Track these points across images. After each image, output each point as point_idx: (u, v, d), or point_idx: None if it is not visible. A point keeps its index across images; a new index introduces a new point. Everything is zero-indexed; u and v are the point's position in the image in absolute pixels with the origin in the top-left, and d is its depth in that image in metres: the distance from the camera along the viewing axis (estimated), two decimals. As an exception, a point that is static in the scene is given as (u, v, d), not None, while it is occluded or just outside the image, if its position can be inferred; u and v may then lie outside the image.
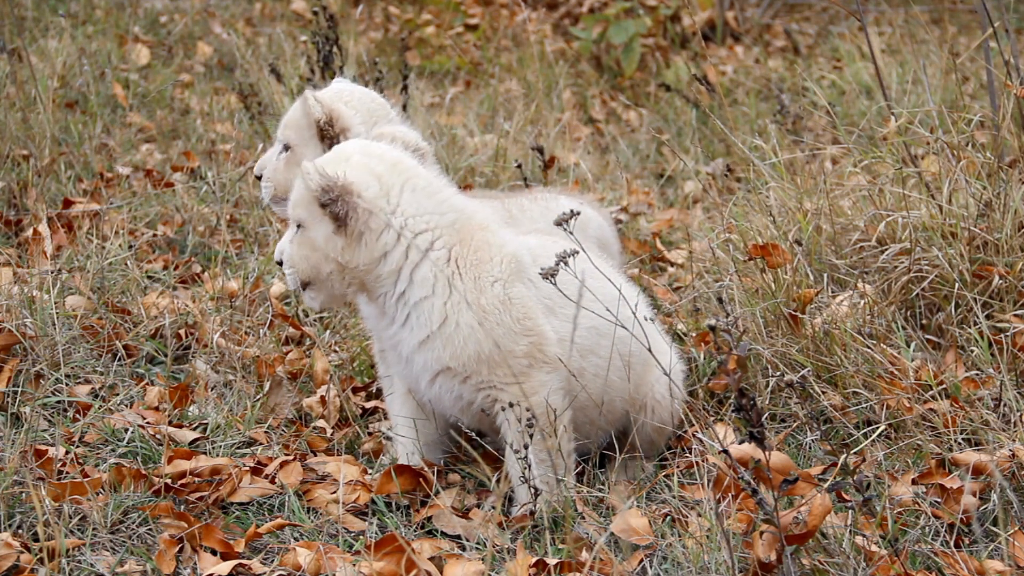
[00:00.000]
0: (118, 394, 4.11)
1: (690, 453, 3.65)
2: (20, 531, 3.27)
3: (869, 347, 3.97)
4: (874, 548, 3.06)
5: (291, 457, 3.74)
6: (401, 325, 3.49)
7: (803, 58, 9.02)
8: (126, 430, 3.79)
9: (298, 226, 3.47)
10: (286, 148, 3.89)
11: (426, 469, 3.58)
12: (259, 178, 3.98)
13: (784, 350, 4.06)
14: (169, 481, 3.51)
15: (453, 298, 3.42)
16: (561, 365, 3.44)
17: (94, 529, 3.30)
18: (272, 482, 3.61)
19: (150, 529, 3.33)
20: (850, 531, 3.08)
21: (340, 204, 3.38)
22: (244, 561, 3.21)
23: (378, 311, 3.54)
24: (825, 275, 4.35)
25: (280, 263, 3.53)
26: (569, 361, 3.46)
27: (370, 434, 4.06)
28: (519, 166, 5.41)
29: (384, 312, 3.51)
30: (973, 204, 4.25)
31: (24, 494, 3.33)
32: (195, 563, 3.20)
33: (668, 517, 3.37)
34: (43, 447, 3.59)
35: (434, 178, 3.54)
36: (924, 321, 4.16)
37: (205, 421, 3.98)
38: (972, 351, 3.94)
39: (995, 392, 3.74)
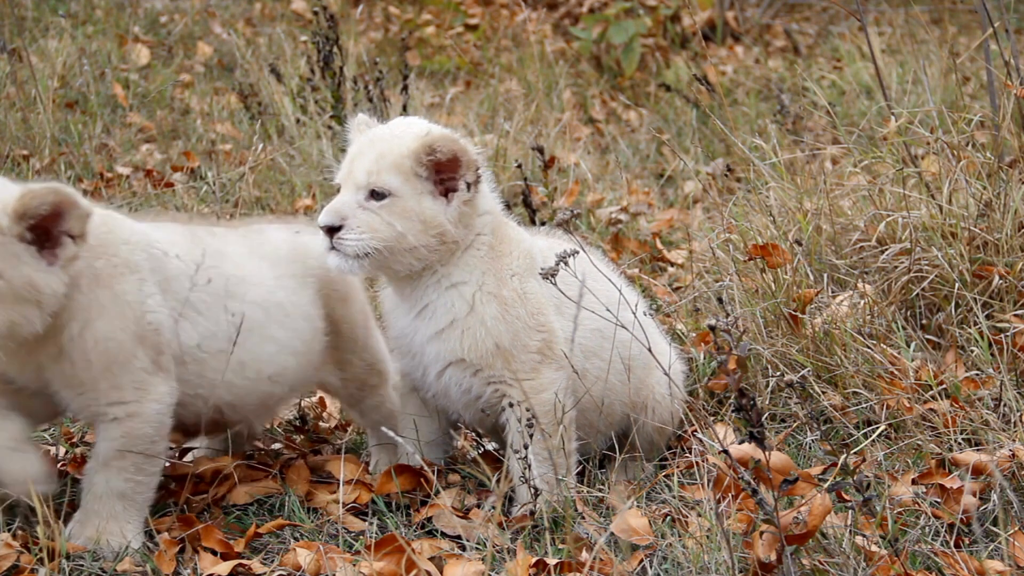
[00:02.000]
0: (118, 394, 4.10)
1: (690, 453, 3.65)
2: (23, 530, 3.26)
3: (869, 347, 3.97)
4: (874, 548, 3.06)
5: (296, 456, 3.74)
6: (417, 314, 3.47)
7: (803, 58, 9.02)
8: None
9: (378, 194, 3.36)
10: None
11: (426, 469, 3.58)
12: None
13: (784, 350, 4.06)
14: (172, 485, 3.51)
15: (484, 287, 3.44)
16: (568, 364, 3.45)
17: (94, 529, 3.30)
18: (274, 481, 3.61)
19: (150, 529, 3.32)
20: (850, 531, 3.08)
21: (472, 175, 3.39)
22: (244, 561, 3.20)
23: (402, 298, 3.51)
24: (825, 275, 4.35)
25: (333, 228, 3.35)
26: (573, 360, 3.47)
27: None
28: (519, 166, 5.41)
29: (408, 298, 3.49)
30: (973, 204, 4.25)
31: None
32: (195, 563, 3.20)
33: (668, 517, 3.37)
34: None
35: None
36: (924, 321, 4.16)
37: (205, 421, 3.98)
38: (972, 351, 3.94)
39: (995, 392, 3.74)
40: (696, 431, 3.71)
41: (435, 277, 3.45)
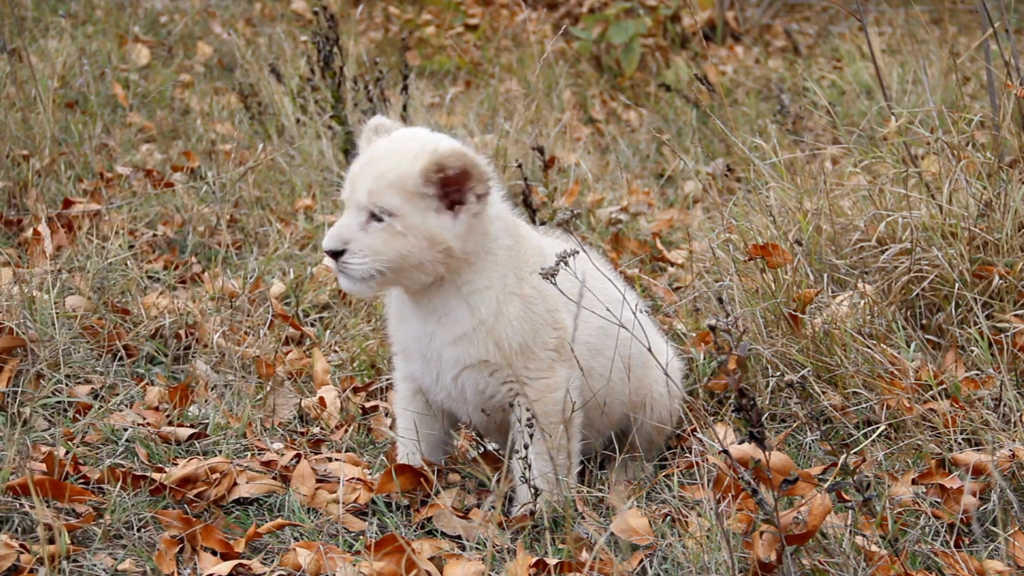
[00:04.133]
0: (118, 394, 4.11)
1: (690, 453, 3.65)
2: (25, 534, 3.27)
3: (869, 347, 3.97)
4: (874, 548, 3.06)
5: (297, 455, 3.74)
6: (437, 320, 3.45)
7: (803, 58, 9.02)
8: (125, 430, 3.80)
9: (378, 215, 3.31)
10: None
11: (426, 469, 3.58)
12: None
13: (784, 350, 4.06)
14: (172, 486, 3.50)
15: (508, 287, 3.42)
16: (576, 361, 3.45)
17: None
18: (275, 479, 3.61)
19: (150, 529, 3.32)
20: (850, 531, 3.08)
21: (482, 187, 3.35)
22: (244, 561, 3.20)
23: (418, 305, 3.48)
24: (825, 275, 4.35)
25: (336, 252, 3.30)
26: (580, 359, 3.47)
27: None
28: (519, 166, 5.41)
29: (425, 305, 3.45)
30: (973, 204, 4.25)
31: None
32: (195, 563, 3.20)
33: (668, 517, 3.37)
34: (44, 447, 3.58)
35: None
36: (924, 321, 4.17)
37: (205, 421, 3.98)
38: (972, 351, 3.94)
39: (995, 392, 3.74)
40: (696, 431, 3.71)
41: (455, 285, 3.41)
